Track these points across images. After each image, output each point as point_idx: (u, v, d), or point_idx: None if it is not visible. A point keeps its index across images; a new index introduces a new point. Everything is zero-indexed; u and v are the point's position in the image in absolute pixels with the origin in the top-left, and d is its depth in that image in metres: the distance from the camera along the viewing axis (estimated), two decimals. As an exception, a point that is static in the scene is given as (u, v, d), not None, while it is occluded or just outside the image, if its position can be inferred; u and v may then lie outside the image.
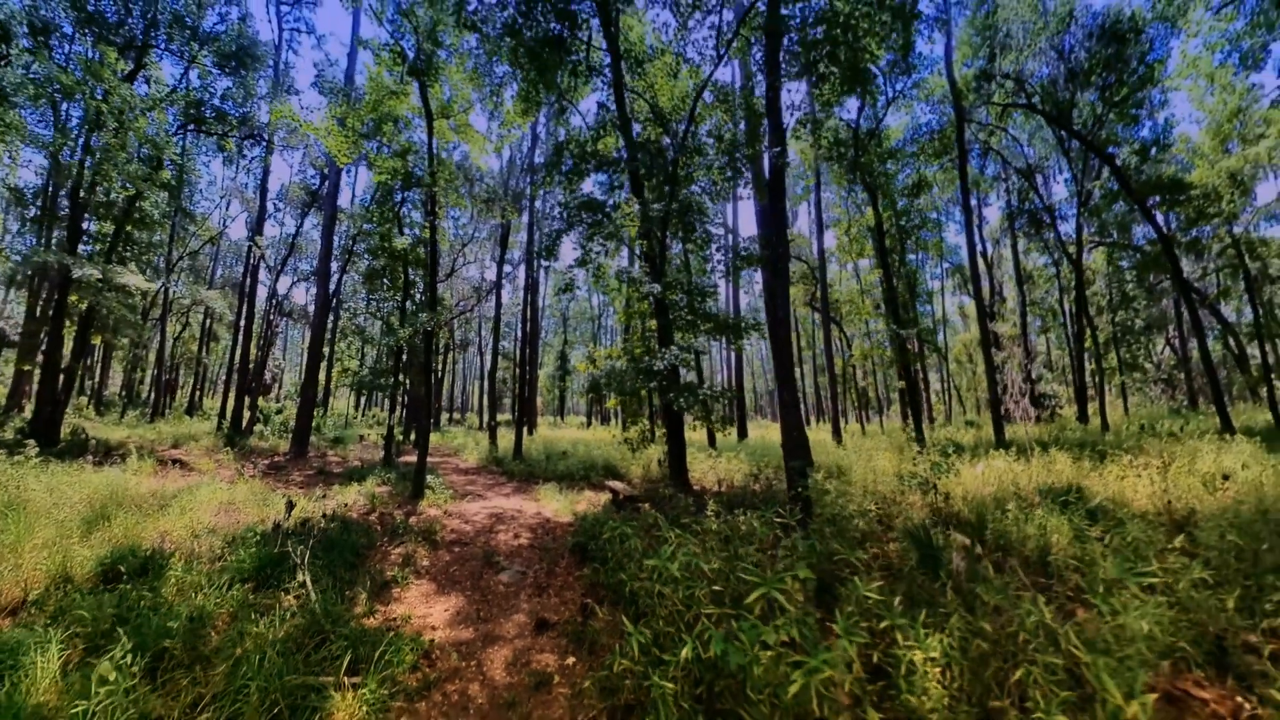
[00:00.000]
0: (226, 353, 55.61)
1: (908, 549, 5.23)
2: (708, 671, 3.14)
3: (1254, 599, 4.36)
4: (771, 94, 9.75)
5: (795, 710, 2.73)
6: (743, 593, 3.47)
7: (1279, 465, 8.40)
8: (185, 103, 19.27)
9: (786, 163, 9.84)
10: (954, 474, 9.20)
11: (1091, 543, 5.22)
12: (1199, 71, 19.48)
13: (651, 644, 3.49)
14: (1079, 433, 18.33)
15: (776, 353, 9.82)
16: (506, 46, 11.67)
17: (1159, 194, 19.39)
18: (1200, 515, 6.32)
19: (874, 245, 21.77)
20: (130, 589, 5.05)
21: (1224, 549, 5.09)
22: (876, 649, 3.33)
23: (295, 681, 3.68)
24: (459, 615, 5.69)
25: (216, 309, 33.35)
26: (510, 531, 9.08)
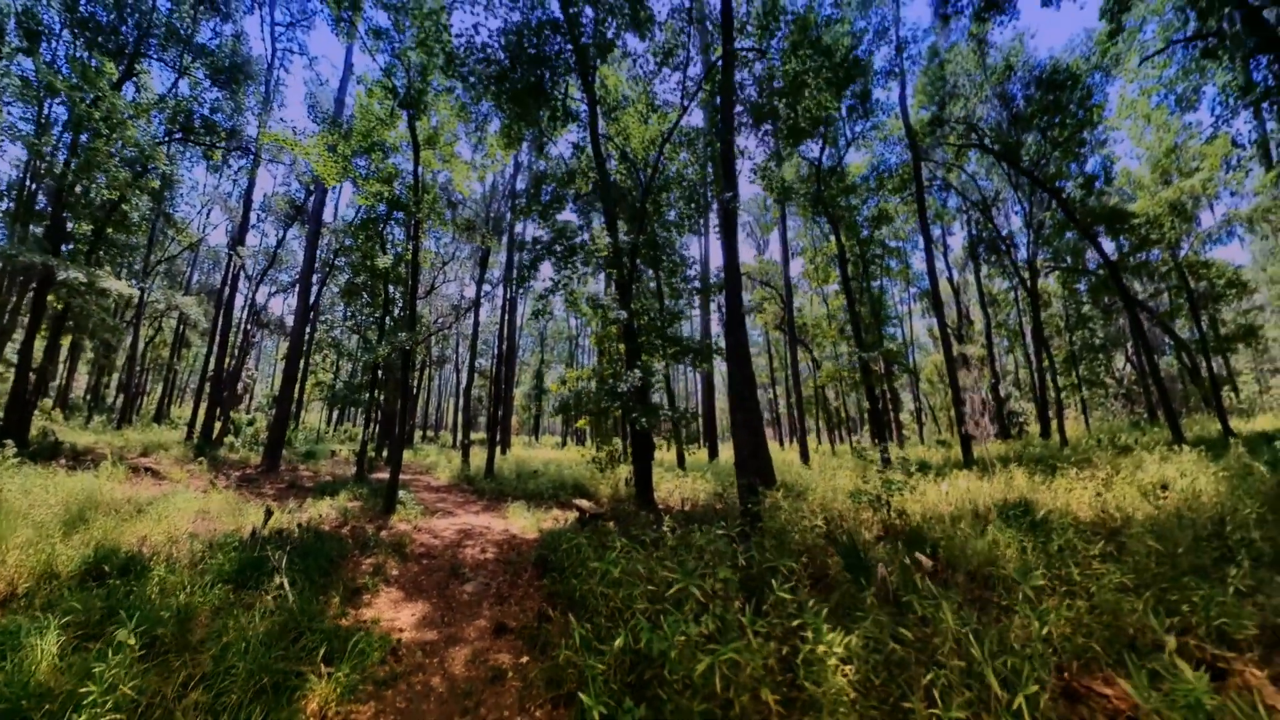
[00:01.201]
0: (198, 360, 55.17)
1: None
2: (639, 660, 3.71)
3: (1170, 600, 4.65)
4: (725, 146, 10.71)
5: (705, 690, 3.31)
6: (674, 592, 4.06)
7: (1218, 473, 9.09)
8: (174, 110, 19.49)
9: (737, 206, 10.71)
10: (910, 491, 9.70)
11: (1028, 553, 5.73)
12: (1137, 113, 21.56)
13: (592, 637, 4.04)
14: (1040, 448, 19.18)
15: (731, 377, 10.50)
16: (491, 92, 12.50)
17: (1103, 223, 21.09)
18: (1134, 523, 6.75)
19: (838, 272, 23.24)
20: (118, 585, 5.50)
21: (1145, 554, 5.52)
22: (786, 644, 3.89)
23: (277, 666, 4.19)
24: (425, 620, 6.19)
25: (191, 315, 33.42)
26: (477, 546, 9.56)
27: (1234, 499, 7.34)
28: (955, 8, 13.50)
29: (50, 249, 16.39)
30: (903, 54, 20.07)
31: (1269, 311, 38.81)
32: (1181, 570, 5.23)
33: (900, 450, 25.42)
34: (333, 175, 13.42)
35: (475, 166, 15.83)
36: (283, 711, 3.79)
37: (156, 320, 40.78)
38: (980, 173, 26.30)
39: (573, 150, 14.97)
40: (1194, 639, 4.23)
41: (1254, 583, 4.94)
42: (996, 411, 28.02)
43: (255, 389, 58.50)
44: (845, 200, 22.68)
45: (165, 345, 44.67)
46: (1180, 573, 5.15)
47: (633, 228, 12.47)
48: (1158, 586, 4.87)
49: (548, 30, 12.49)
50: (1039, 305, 23.78)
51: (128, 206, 19.19)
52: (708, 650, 3.41)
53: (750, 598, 4.57)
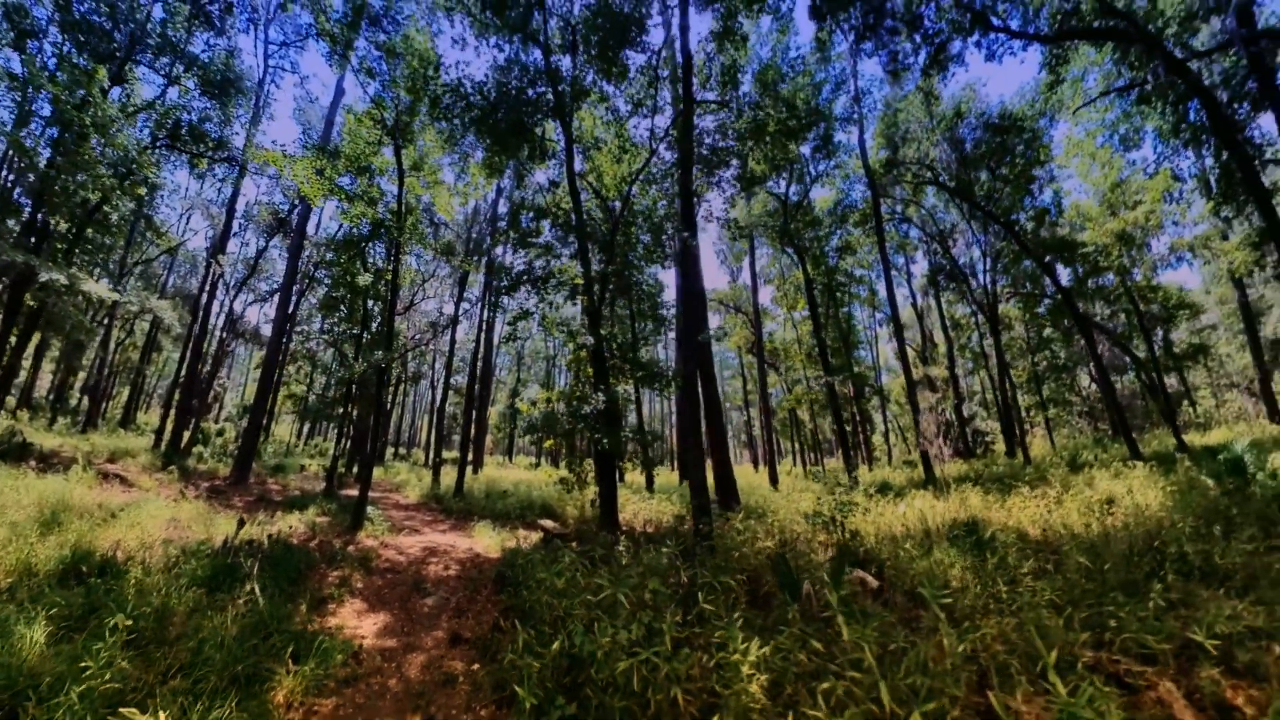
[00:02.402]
0: (168, 365, 54.80)
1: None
2: (574, 663, 4.28)
3: (1097, 616, 4.85)
4: (684, 190, 11.68)
5: (625, 688, 3.88)
6: (612, 603, 4.64)
7: (1166, 487, 9.64)
8: (162, 116, 19.78)
9: (695, 243, 11.56)
10: (865, 513, 10.29)
11: (966, 572, 6.10)
12: (1083, 152, 23.67)
13: (535, 642, 4.60)
14: (1003, 467, 19.89)
15: (684, 403, 11.19)
16: (475, 129, 13.39)
17: (1055, 252, 22.45)
18: (1073, 540, 7.16)
19: (805, 299, 24.96)
20: (98, 584, 5.97)
21: (1076, 570, 5.83)
22: (707, 652, 4.45)
23: (249, 661, 4.70)
24: (386, 629, 6.69)
25: (166, 320, 33.48)
26: (441, 564, 10.04)
27: (1174, 513, 7.83)
28: (903, 65, 14.75)
29: (30, 247, 16.60)
30: (860, 103, 22.13)
31: (1221, 330, 41.71)
32: (1110, 586, 5.51)
33: (869, 471, 26.35)
34: (319, 195, 14.03)
35: (458, 192, 16.57)
36: (254, 700, 4.30)
37: (129, 323, 40.64)
38: (939, 206, 27.99)
39: (549, 185, 15.94)
40: (1114, 654, 4.47)
41: (1179, 596, 5.25)
42: (961, 432, 29.25)
43: (225, 398, 58.31)
44: (812, 233, 24.94)
45: (135, 348, 44.39)
46: (1109, 589, 5.45)
47: (604, 258, 13.27)
48: (1085, 603, 5.11)
49: (530, 76, 13.48)
50: (999, 330, 25.34)
51: (109, 208, 19.38)
52: (632, 654, 4.00)
53: (686, 610, 5.15)
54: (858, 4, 13.30)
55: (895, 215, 28.04)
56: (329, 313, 20.22)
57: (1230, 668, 4.30)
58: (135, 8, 18.74)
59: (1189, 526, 6.94)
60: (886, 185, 23.57)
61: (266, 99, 23.24)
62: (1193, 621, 4.66)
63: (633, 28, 12.73)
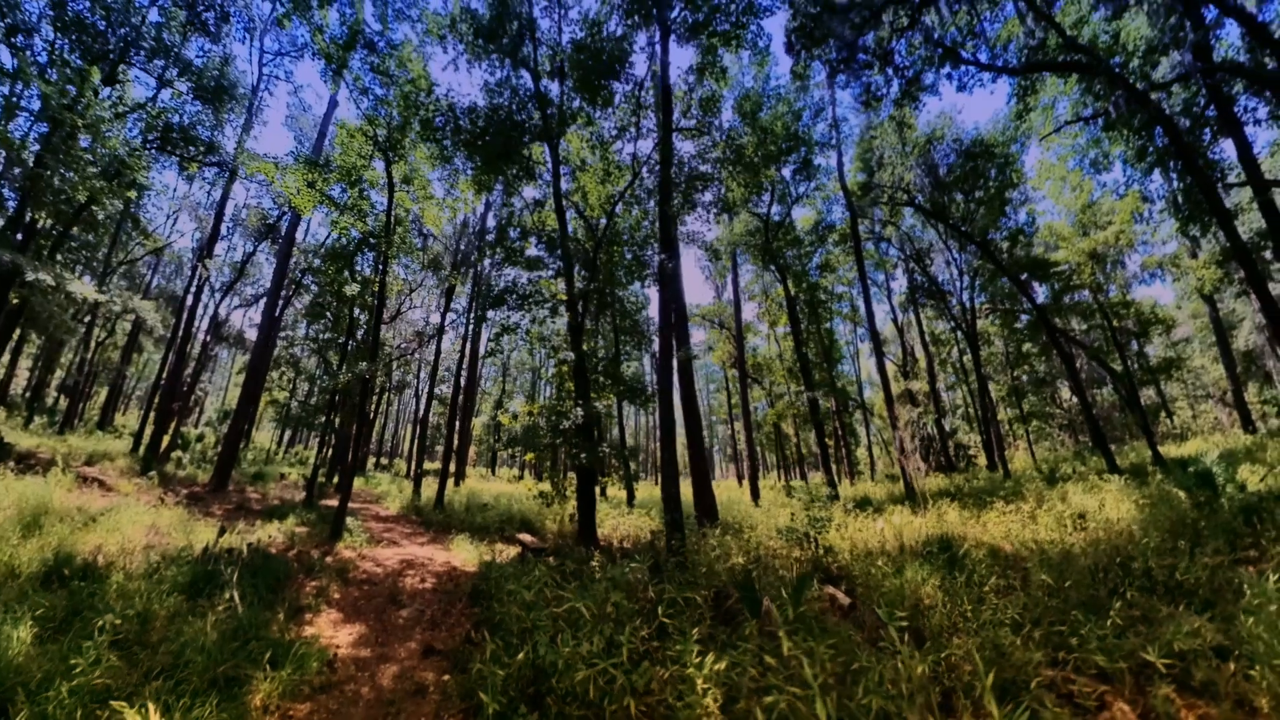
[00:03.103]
0: (148, 366, 54.66)
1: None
2: (538, 673, 4.59)
3: (1058, 634, 4.97)
4: (663, 214, 12.24)
5: (583, 697, 4.20)
6: (577, 615, 4.96)
7: (1138, 500, 9.94)
8: (153, 118, 19.88)
9: (672, 265, 12.03)
10: (838, 529, 10.56)
11: (934, 590, 6.22)
12: (1054, 175, 25.28)
13: (502, 652, 4.91)
14: (983, 481, 20.28)
15: (662, 419, 11.55)
16: (465, 150, 13.95)
17: (1029, 270, 23.73)
18: (1040, 555, 7.33)
19: (787, 316, 26.13)
20: (81, 587, 6.23)
21: (1039, 588, 5.96)
22: (664, 664, 4.76)
23: (228, 664, 4.99)
24: (361, 639, 6.95)
25: (149, 321, 33.55)
26: (418, 576, 10.29)
27: (1143, 527, 8.12)
28: (876, 95, 15.58)
29: (17, 245, 16.68)
30: (838, 129, 23.68)
31: (1195, 343, 43.48)
32: (1072, 604, 5.59)
33: (852, 485, 26.88)
34: (309, 206, 14.37)
35: (446, 206, 16.96)
36: (233, 702, 4.57)
37: (110, 322, 40.57)
38: (917, 225, 29.20)
39: (535, 204, 16.59)
40: (1072, 674, 4.58)
41: (1140, 613, 5.37)
42: (943, 446, 30.14)
43: (206, 403, 58.12)
44: (794, 251, 26.31)
45: (116, 348, 44.24)
46: (1070, 606, 5.52)
47: (587, 275, 13.75)
48: (1047, 621, 5.25)
49: (520, 99, 14.13)
50: (978, 345, 26.21)
51: (97, 207, 19.43)
52: (591, 665, 4.32)
53: (650, 625, 5.46)
54: (830, 41, 13.97)
55: (874, 234, 29.12)
56: (315, 320, 20.43)
57: (1186, 686, 4.39)
58: (131, 9, 18.97)
59: (1154, 541, 7.11)
60: (864, 206, 24.73)
61: (259, 105, 23.57)
62: (1153, 639, 4.74)
63: (615, 63, 13.40)
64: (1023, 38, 15.15)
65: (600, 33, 13.43)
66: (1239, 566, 6.45)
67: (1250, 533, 7.56)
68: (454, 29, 14.07)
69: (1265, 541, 7.18)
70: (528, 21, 13.88)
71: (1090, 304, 28.28)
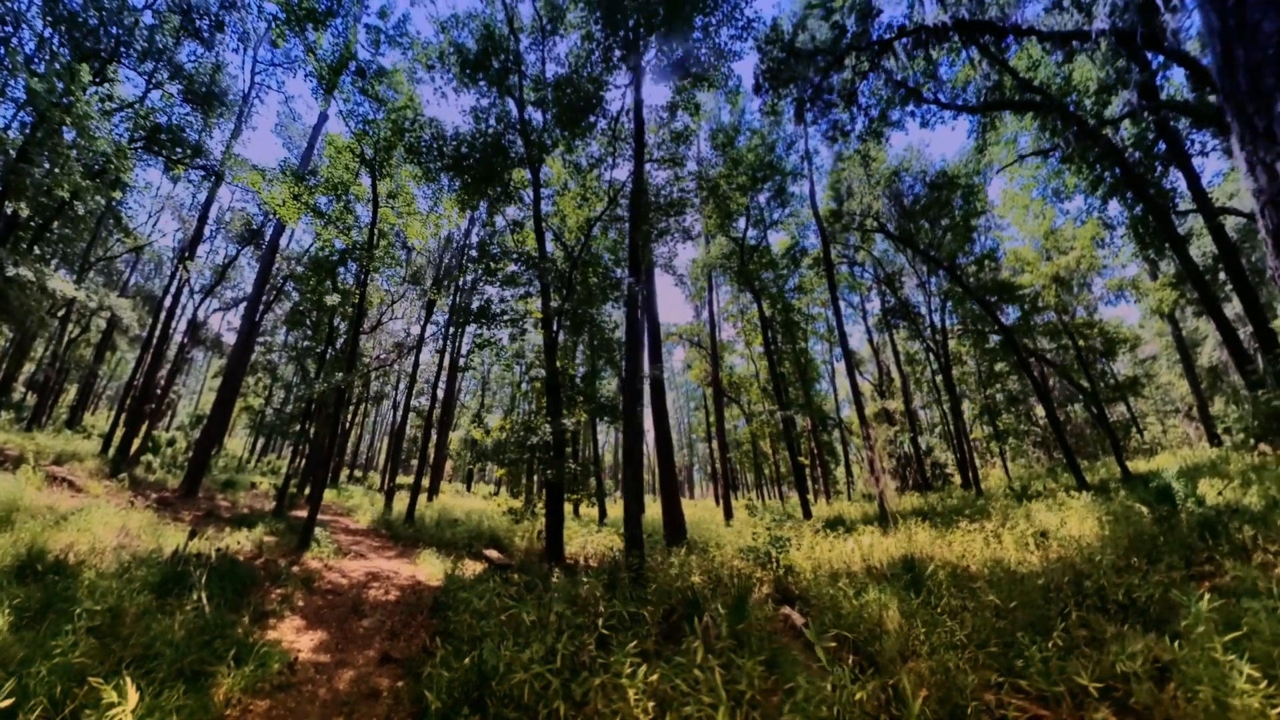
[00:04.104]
0: (120, 365, 54.58)
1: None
2: (482, 676, 5.09)
3: (1005, 657, 5.06)
4: (632, 240, 13.11)
5: (519, 700, 4.71)
6: (522, 624, 5.47)
7: (1102, 517, 10.17)
8: (141, 117, 20.20)
9: (638, 290, 12.79)
10: (809, 548, 10.92)
11: (890, 612, 6.27)
12: (1018, 204, 27.74)
13: (451, 657, 5.41)
14: (957, 500, 20.81)
15: (626, 437, 12.11)
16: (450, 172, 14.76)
17: (996, 294, 25.03)
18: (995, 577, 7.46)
19: (761, 336, 27.56)
20: (55, 581, 6.68)
21: (990, 609, 6.08)
22: (601, 673, 5.27)
23: (194, 659, 5.46)
24: (321, 645, 7.41)
25: (125, 320, 33.76)
26: (382, 589, 10.73)
27: (1104, 544, 8.38)
28: (843, 131, 17.24)
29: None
30: (810, 160, 24.97)
31: (1162, 360, 45.76)
32: (1019, 624, 5.71)
33: (828, 505, 27.53)
34: (294, 217, 14.93)
35: (430, 222, 17.61)
36: (198, 693, 5.05)
37: (85, 319, 40.65)
38: (889, 250, 30.79)
39: (515, 225, 17.60)
40: (1009, 696, 4.69)
41: (1087, 634, 5.48)
42: (919, 464, 31.47)
43: (179, 406, 58.06)
44: (769, 274, 27.94)
45: (89, 345, 44.23)
46: (1018, 626, 5.64)
47: (562, 295, 14.43)
48: (994, 643, 5.35)
49: (505, 124, 15.12)
50: (950, 366, 27.62)
51: (79, 203, 19.51)
52: (529, 670, 4.83)
53: (594, 636, 5.97)
54: (797, 82, 14.95)
55: (847, 259, 31.00)
56: (294, 327, 20.84)
57: (1126, 708, 4.47)
58: (125, 10, 19.39)
59: (1110, 559, 7.37)
60: (836, 232, 26.45)
61: (249, 112, 24.14)
62: (1096, 660, 4.87)
63: (593, 99, 14.38)
64: (980, 80, 16.43)
65: (581, 72, 14.46)
66: (1192, 583, 6.68)
67: (1206, 547, 7.81)
68: (443, 60, 15.04)
69: (1219, 556, 7.41)
70: (514, 56, 14.82)
71: (1052, 325, 30.05)
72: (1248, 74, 1.95)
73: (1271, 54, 1.88)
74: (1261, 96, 1.91)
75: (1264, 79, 1.90)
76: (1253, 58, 1.94)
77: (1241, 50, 1.98)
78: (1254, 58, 1.94)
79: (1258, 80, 1.92)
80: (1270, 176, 1.91)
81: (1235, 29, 2.00)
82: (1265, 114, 1.90)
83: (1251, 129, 1.96)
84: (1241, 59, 1.98)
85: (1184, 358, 32.78)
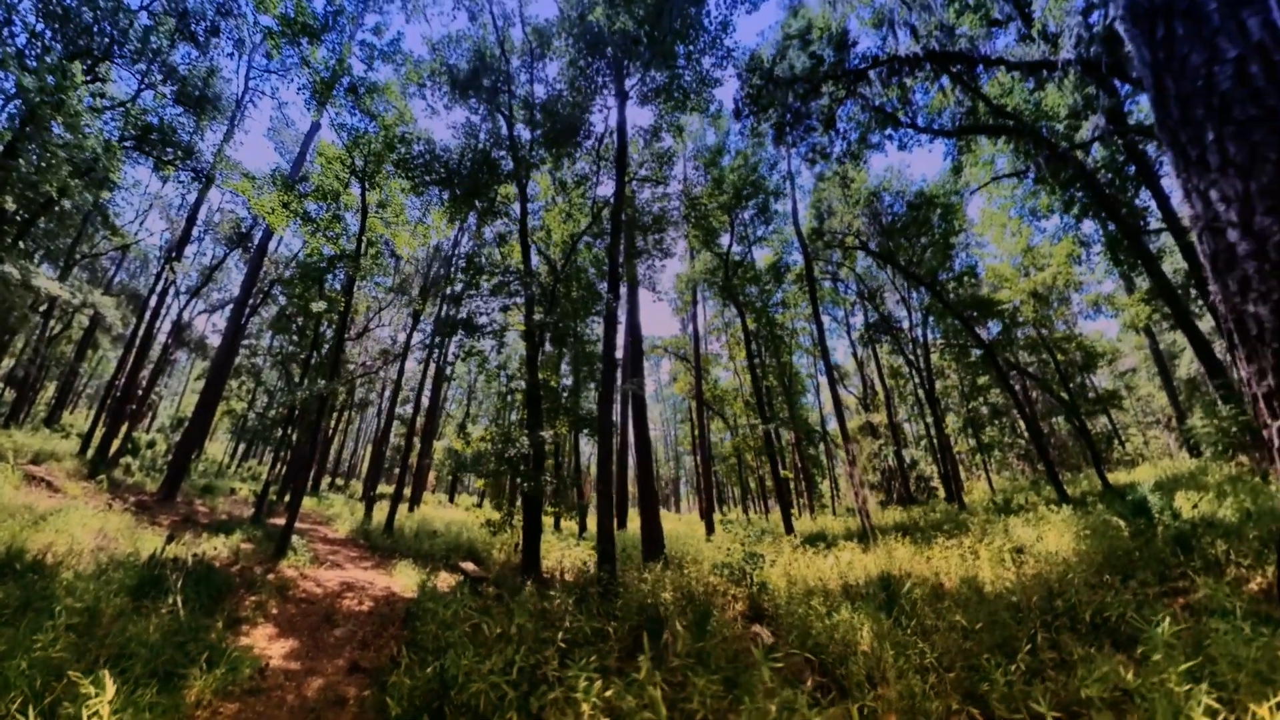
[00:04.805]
0: (102, 364, 54.60)
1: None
2: (443, 685, 5.43)
3: (970, 681, 5.09)
4: (611, 259, 13.76)
5: (475, 707, 5.04)
6: (487, 635, 5.81)
7: (1080, 531, 10.27)
8: (134, 116, 20.32)
9: (615, 307, 13.39)
10: (787, 565, 11.15)
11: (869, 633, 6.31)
12: (996, 222, 28.95)
13: (416, 665, 5.74)
14: (941, 514, 21.11)
15: (600, 449, 12.48)
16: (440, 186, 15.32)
17: (975, 309, 26.00)
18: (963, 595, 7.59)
19: (745, 350, 28.40)
20: (36, 579, 6.99)
21: (956, 629, 6.11)
22: (556, 686, 5.61)
23: (168, 659, 5.78)
24: (292, 653, 7.71)
25: (108, 318, 33.90)
26: (356, 599, 11.02)
27: (1079, 560, 8.45)
28: (823, 154, 18.35)
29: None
30: (792, 180, 26.01)
31: (1142, 372, 47.51)
32: (985, 646, 5.73)
33: (812, 519, 28.21)
34: (283, 224, 15.32)
35: (418, 233, 18.11)
36: (171, 693, 5.37)
37: (68, 315, 40.70)
38: (872, 266, 31.92)
39: (501, 239, 18.47)
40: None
41: (1054, 657, 5.51)
42: (903, 478, 32.28)
43: (160, 408, 58.04)
44: (754, 288, 29.10)
45: (70, 342, 44.23)
46: (984, 649, 5.67)
47: (545, 308, 14.90)
48: (960, 666, 5.43)
49: (494, 140, 15.88)
50: (933, 380, 28.70)
51: (67, 199, 19.52)
52: (487, 680, 5.17)
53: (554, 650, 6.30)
54: (776, 107, 15.72)
55: (831, 274, 32.33)
56: (280, 332, 21.11)
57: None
58: (120, 10, 19.65)
59: (1081, 576, 7.42)
60: (819, 249, 27.59)
61: (242, 116, 24.50)
62: (1065, 684, 4.87)
63: (579, 123, 15.26)
64: (953, 106, 17.51)
65: (565, 98, 15.32)
66: (1165, 600, 6.77)
67: (1179, 563, 7.80)
68: (434, 78, 15.81)
69: (1192, 572, 7.39)
70: (505, 76, 15.53)
71: (1031, 339, 31.33)
72: (1179, 104, 2.08)
73: (1200, 85, 2.00)
74: (1192, 126, 2.03)
75: (1194, 109, 2.03)
76: (1182, 89, 2.07)
77: (1172, 82, 2.12)
78: (1184, 89, 2.06)
79: (1188, 110, 2.05)
80: (1205, 203, 2.00)
81: (1165, 61, 2.15)
82: (1197, 143, 2.02)
83: (1185, 157, 2.08)
84: (1172, 90, 2.11)
85: (1162, 370, 33.97)
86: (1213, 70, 1.95)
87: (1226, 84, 1.92)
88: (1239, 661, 4.48)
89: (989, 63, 13.75)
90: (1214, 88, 1.95)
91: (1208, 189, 1.98)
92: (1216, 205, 1.94)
